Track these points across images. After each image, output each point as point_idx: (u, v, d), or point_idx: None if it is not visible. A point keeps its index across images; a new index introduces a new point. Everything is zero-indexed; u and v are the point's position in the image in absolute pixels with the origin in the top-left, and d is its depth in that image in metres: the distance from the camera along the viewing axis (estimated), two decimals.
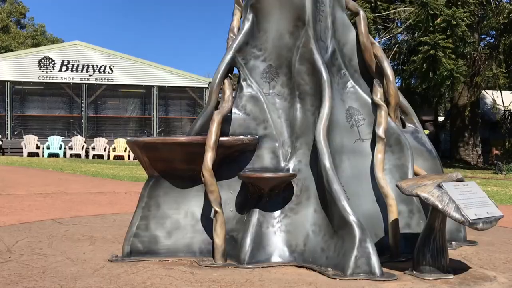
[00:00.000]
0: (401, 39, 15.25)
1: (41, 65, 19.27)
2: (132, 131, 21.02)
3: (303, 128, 2.90)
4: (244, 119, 2.99)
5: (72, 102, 20.27)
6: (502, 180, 11.55)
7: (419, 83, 14.36)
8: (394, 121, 3.07)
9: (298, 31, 2.97)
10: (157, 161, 2.84)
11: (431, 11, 12.30)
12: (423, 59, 12.58)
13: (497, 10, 12.61)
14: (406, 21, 14.15)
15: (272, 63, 3.06)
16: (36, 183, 7.98)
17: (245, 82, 3.07)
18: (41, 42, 37.57)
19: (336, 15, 3.18)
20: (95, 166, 13.02)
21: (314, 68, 2.89)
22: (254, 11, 3.07)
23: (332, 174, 2.58)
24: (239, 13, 3.30)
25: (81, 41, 20.24)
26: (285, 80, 3.03)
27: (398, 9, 13.96)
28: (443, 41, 12.37)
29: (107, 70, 19.87)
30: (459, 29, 12.48)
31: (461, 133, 19.15)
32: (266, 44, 3.06)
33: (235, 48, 3.04)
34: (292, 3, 2.96)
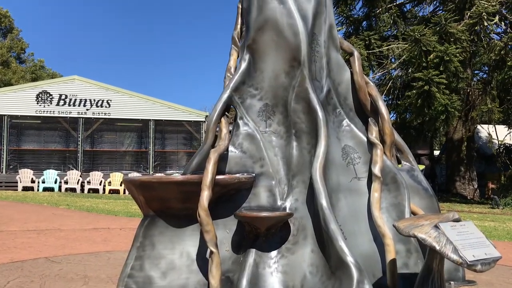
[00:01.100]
0: (395, 75, 15.48)
1: (39, 99, 19.39)
2: (128, 165, 20.98)
3: (299, 166, 2.90)
4: (240, 157, 3.00)
5: (69, 136, 20.30)
6: (499, 215, 11.51)
7: (414, 117, 14.50)
8: (389, 159, 3.09)
9: (293, 71, 3.02)
10: (153, 200, 2.83)
11: (424, 47, 12.54)
12: (417, 94, 12.74)
13: (489, 47, 12.87)
14: (399, 57, 14.41)
15: (268, 102, 3.09)
16: (30, 219, 7.89)
17: (242, 120, 3.09)
18: (40, 77, 37.92)
19: (331, 55, 3.24)
20: (90, 200, 12.91)
21: (309, 107, 2.92)
22: (250, 52, 3.12)
23: (329, 213, 2.57)
24: (236, 53, 3.36)
25: (79, 76, 20.45)
26: (281, 119, 3.06)
27: (391, 45, 14.23)
28: (436, 76, 12.56)
29: (104, 105, 19.99)
30: (452, 65, 12.70)
31: (456, 167, 19.19)
32: (263, 83, 3.10)
33: (232, 87, 3.08)
34: (287, 44, 3.02)
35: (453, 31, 12.35)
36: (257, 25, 3.11)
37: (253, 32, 3.12)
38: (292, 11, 3.04)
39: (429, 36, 12.38)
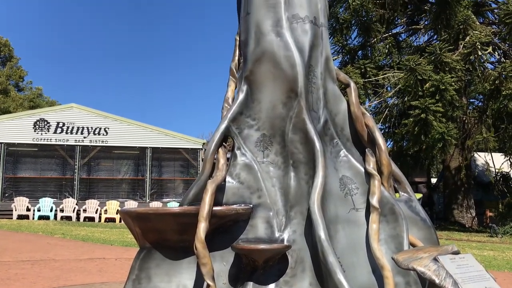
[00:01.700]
0: (391, 103, 15.61)
1: (36, 127, 19.41)
2: (124, 193, 20.86)
3: (297, 197, 2.89)
4: (238, 187, 2.99)
5: (65, 164, 20.23)
6: (498, 244, 11.43)
7: (411, 145, 14.55)
8: (387, 190, 3.08)
9: (291, 102, 3.04)
10: (149, 231, 2.80)
11: (419, 76, 12.69)
12: (414, 122, 12.82)
13: (483, 77, 13.03)
14: (395, 86, 14.56)
15: (266, 132, 3.10)
16: (25, 248, 7.78)
17: (239, 150, 3.09)
18: (38, 105, 38.08)
19: (327, 86, 3.27)
20: (85, 229, 12.77)
21: (307, 138, 2.94)
22: (248, 83, 3.15)
23: (327, 245, 2.55)
24: (234, 84, 3.39)
25: (77, 104, 20.53)
26: (279, 149, 3.06)
27: (387, 74, 14.39)
28: (433, 105, 12.67)
29: (101, 132, 20.02)
30: (447, 94, 12.83)
31: (454, 195, 19.15)
32: (260, 114, 3.12)
33: (229, 118, 3.10)
34: (285, 75, 3.05)
35: (448, 60, 12.53)
36: (255, 57, 3.15)
37: (250, 64, 3.16)
38: (289, 44, 3.08)
39: (425, 65, 12.55)
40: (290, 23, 3.15)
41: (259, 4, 3.19)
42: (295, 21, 3.17)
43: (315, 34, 3.22)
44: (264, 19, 3.16)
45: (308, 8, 3.22)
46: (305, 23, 3.18)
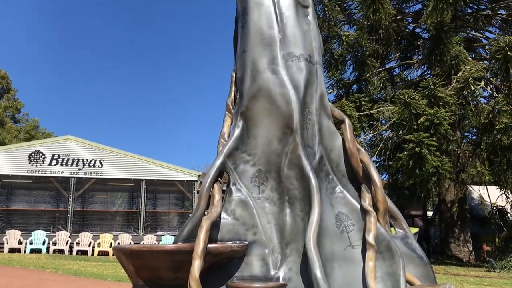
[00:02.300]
0: (386, 136, 15.70)
1: (31, 159, 19.33)
2: (118, 226, 20.62)
3: (293, 234, 2.88)
4: (233, 224, 2.97)
5: (60, 196, 20.06)
6: (496, 279, 11.30)
7: (406, 179, 14.56)
8: (383, 227, 3.06)
9: (286, 138, 3.06)
10: (143, 269, 2.76)
11: (414, 110, 12.81)
12: (409, 156, 12.87)
13: (477, 111, 13.18)
14: (390, 119, 14.68)
15: (261, 168, 3.11)
16: (14, 284, 7.62)
17: (235, 186, 3.09)
18: (34, 136, 38.04)
19: (322, 122, 3.30)
20: (78, 263, 12.56)
21: (302, 174, 2.94)
22: (244, 118, 3.18)
23: (323, 284, 2.52)
24: (230, 119, 3.42)
25: (73, 136, 20.53)
26: (275, 185, 3.06)
27: (381, 108, 14.54)
28: (427, 139, 12.74)
29: (97, 164, 19.95)
30: (442, 128, 12.93)
31: (450, 228, 19.05)
32: (256, 149, 3.13)
33: (225, 153, 3.11)
34: (280, 111, 3.08)
35: (441, 95, 12.69)
36: (251, 94, 3.18)
37: (246, 100, 3.19)
38: (285, 81, 3.13)
39: (419, 100, 12.69)
40: (285, 61, 3.21)
41: (255, 43, 3.25)
42: (290, 59, 3.23)
43: (310, 71, 3.27)
44: (260, 57, 3.21)
45: (303, 47, 3.28)
46: (300, 61, 3.24)
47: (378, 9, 12.41)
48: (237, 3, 3.45)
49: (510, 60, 11.89)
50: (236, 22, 3.58)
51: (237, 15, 3.51)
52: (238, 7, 3.45)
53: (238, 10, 3.45)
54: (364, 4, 12.56)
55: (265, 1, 3.27)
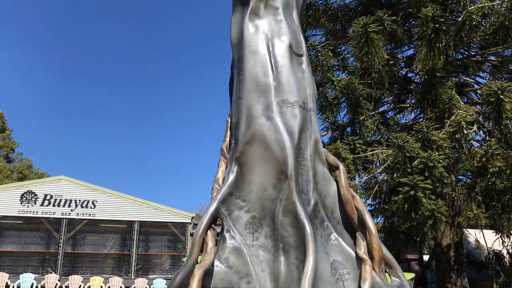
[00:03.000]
0: (381, 179, 15.69)
1: (23, 199, 19.10)
2: (109, 268, 20.17)
3: (287, 282, 2.82)
4: (226, 272, 2.91)
5: (50, 237, 19.71)
6: None
7: (401, 222, 14.44)
8: (379, 275, 3.02)
9: (281, 183, 3.05)
10: None
11: (408, 153, 12.84)
12: (404, 199, 12.80)
13: (470, 154, 13.26)
14: (384, 162, 14.70)
15: (255, 214, 3.08)
16: None
17: (228, 233, 3.05)
18: (27, 176, 37.77)
19: (317, 168, 3.31)
20: None
21: (297, 220, 2.91)
22: (238, 164, 3.18)
23: None
24: (224, 164, 3.41)
25: (66, 176, 20.39)
26: (269, 232, 3.02)
27: (376, 151, 14.60)
28: (422, 182, 12.71)
29: (89, 205, 19.73)
30: (436, 171, 12.92)
31: (447, 273, 18.74)
32: (250, 195, 3.11)
33: (219, 199, 3.09)
34: (275, 157, 3.08)
35: (435, 138, 12.78)
36: (246, 139, 3.20)
37: (241, 146, 3.20)
38: (279, 127, 3.15)
39: (412, 143, 12.76)
40: (280, 108, 3.24)
41: (250, 89, 3.29)
42: (285, 105, 3.26)
43: (304, 118, 3.30)
44: (255, 103, 3.25)
45: (297, 94, 3.32)
46: (294, 107, 3.27)
47: (371, 51, 12.66)
48: (233, 51, 3.52)
49: (503, 104, 12.07)
50: (232, 69, 3.64)
51: (233, 63, 3.58)
52: (234, 55, 3.52)
53: (234, 57, 3.52)
54: (357, 46, 12.81)
55: (260, 50, 3.34)
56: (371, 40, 12.35)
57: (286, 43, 3.40)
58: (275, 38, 3.39)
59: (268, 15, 3.41)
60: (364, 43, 12.35)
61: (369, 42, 12.34)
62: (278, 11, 3.44)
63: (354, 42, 12.53)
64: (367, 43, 12.38)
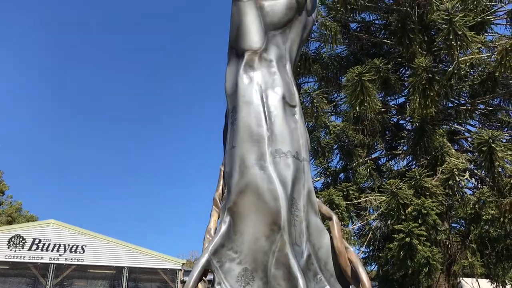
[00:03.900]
0: (375, 226, 15.58)
1: (11, 243, 18.71)
2: None
3: None
4: None
5: (37, 283, 19.18)
6: None
7: (396, 270, 14.22)
8: None
9: (273, 235, 3.02)
10: None
11: (401, 200, 12.82)
12: (399, 246, 12.67)
13: (463, 202, 13.26)
14: (378, 209, 14.65)
15: (247, 266, 3.03)
16: None
17: (220, 286, 2.99)
18: (16, 219, 37.13)
19: (310, 219, 3.28)
20: None
21: (290, 273, 2.86)
22: (231, 214, 3.15)
23: None
24: (217, 214, 3.38)
25: (56, 220, 20.08)
26: (261, 285, 2.96)
27: (369, 197, 14.57)
28: (416, 228, 12.63)
29: (78, 250, 19.34)
30: (430, 218, 12.87)
31: None
32: (242, 246, 3.07)
33: (211, 251, 3.04)
34: (268, 208, 3.06)
35: (428, 185, 12.81)
36: (239, 189, 3.18)
37: (234, 195, 3.18)
38: (272, 177, 3.15)
39: (406, 190, 12.76)
40: (273, 158, 3.25)
41: (244, 139, 3.31)
42: (278, 155, 3.27)
43: (298, 168, 3.31)
44: (249, 153, 3.26)
45: (290, 144, 3.34)
46: (287, 157, 3.28)
47: (366, 100, 12.87)
48: (228, 101, 3.57)
49: (495, 152, 12.18)
50: (226, 118, 3.67)
51: (227, 112, 3.61)
52: (228, 105, 3.57)
53: (229, 107, 3.56)
54: (353, 95, 13.01)
55: (254, 101, 3.39)
56: (366, 89, 12.59)
57: (280, 94, 3.45)
58: (269, 89, 3.44)
59: (262, 67, 3.48)
60: (360, 92, 12.56)
61: (364, 91, 12.55)
62: (271, 64, 3.52)
63: (349, 91, 12.75)
64: (362, 92, 12.59)
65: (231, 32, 3.66)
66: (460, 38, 11.47)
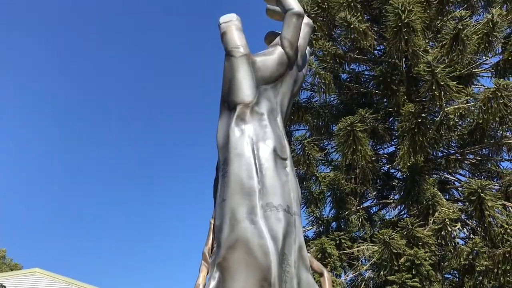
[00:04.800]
0: (367, 276, 15.33)
1: None
2: None
3: None
4: None
5: None
6: None
7: None
8: None
9: None
10: None
11: (394, 250, 12.70)
12: None
13: (456, 252, 13.16)
14: (370, 259, 14.46)
15: None
16: None
17: None
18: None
19: (301, 275, 3.23)
20: None
21: None
22: (220, 269, 3.09)
23: None
24: (206, 269, 3.32)
25: (41, 269, 19.53)
26: None
27: (361, 247, 14.41)
28: (410, 280, 12.44)
29: None
30: (423, 269, 12.71)
31: None
32: None
33: None
34: (258, 263, 3.01)
35: (420, 235, 12.73)
36: (228, 244, 3.14)
37: (224, 250, 3.13)
38: (263, 232, 3.11)
39: (398, 240, 12.67)
40: (264, 211, 3.23)
41: (234, 192, 3.30)
42: (269, 209, 3.26)
43: (289, 222, 3.29)
44: (239, 207, 3.24)
45: (281, 197, 3.33)
46: (278, 211, 3.26)
47: (358, 149, 12.99)
48: (219, 154, 3.58)
49: (484, 201, 12.22)
50: (217, 171, 3.68)
51: (218, 164, 3.62)
52: (219, 157, 3.58)
53: (220, 160, 3.57)
54: (345, 145, 13.15)
55: (245, 153, 3.40)
56: (358, 139, 12.76)
57: (271, 147, 3.47)
58: (260, 142, 3.47)
59: (254, 120, 3.53)
60: (352, 141, 12.70)
61: (356, 140, 12.70)
62: (263, 117, 3.56)
63: (341, 140, 12.89)
64: (354, 142, 12.74)
65: (224, 85, 3.73)
66: (443, 88, 11.77)
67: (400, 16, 11.57)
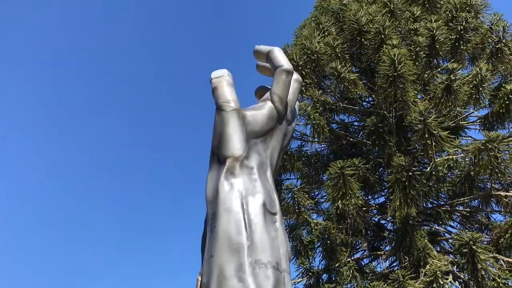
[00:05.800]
0: None
1: None
2: None
3: None
4: None
5: None
6: None
7: None
8: None
9: None
10: None
11: None
12: None
13: None
14: None
15: None
16: None
17: None
18: None
19: None
20: None
21: None
22: None
23: None
24: None
25: None
26: None
27: None
28: None
29: None
30: None
31: None
32: None
33: None
34: None
35: None
36: None
37: None
38: None
39: None
40: (253, 268, 3.15)
41: (223, 248, 3.23)
42: (257, 266, 3.18)
43: (278, 279, 3.21)
44: (227, 263, 3.16)
45: (270, 253, 3.27)
46: (267, 268, 3.19)
47: (348, 193, 12.97)
48: (208, 208, 3.54)
49: (476, 254, 12.12)
50: (205, 225, 3.62)
51: (207, 218, 3.57)
52: (208, 211, 3.53)
53: (208, 214, 3.52)
54: (334, 189, 13.12)
55: (234, 208, 3.36)
56: (348, 183, 12.76)
57: (260, 202, 3.43)
58: (250, 197, 3.43)
59: (243, 174, 3.50)
60: (342, 184, 12.69)
61: (346, 184, 12.69)
62: (253, 171, 3.54)
63: (330, 183, 12.88)
64: (344, 185, 12.71)
65: (214, 138, 3.72)
66: (434, 138, 11.91)
67: (395, 67, 11.85)
